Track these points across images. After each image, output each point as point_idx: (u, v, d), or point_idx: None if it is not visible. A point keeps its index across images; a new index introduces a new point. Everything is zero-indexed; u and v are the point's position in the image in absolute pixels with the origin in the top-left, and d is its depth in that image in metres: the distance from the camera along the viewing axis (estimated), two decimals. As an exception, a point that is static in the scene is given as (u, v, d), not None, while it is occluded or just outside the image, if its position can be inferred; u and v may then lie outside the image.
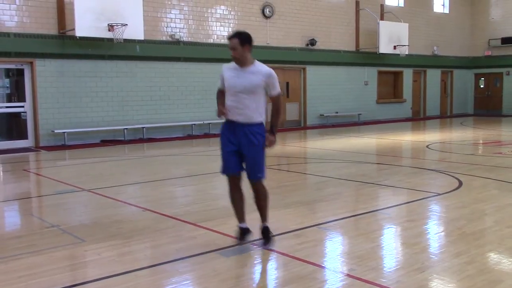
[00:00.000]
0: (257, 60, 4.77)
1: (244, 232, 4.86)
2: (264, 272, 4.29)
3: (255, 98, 4.66)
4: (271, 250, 4.64)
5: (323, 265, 4.33)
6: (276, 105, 4.78)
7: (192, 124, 16.66)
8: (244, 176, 4.82)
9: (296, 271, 4.14)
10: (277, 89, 4.73)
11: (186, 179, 8.94)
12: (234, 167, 4.75)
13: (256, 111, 4.67)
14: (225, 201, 6.96)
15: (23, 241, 5.11)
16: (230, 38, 4.67)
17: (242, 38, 4.64)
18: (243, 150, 4.69)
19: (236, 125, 4.69)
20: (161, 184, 8.41)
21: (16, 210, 6.95)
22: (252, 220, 4.96)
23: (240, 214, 4.90)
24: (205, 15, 17.11)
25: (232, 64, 4.75)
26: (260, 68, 4.70)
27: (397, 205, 6.58)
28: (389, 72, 23.57)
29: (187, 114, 16.79)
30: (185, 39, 16.62)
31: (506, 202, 6.53)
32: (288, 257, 4.46)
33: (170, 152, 12.99)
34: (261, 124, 4.74)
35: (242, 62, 4.67)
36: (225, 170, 4.79)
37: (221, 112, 4.70)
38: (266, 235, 4.80)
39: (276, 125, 4.79)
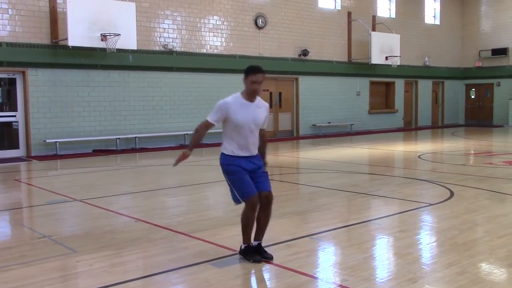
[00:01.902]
0: None
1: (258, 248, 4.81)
2: (257, 283, 4.28)
3: (258, 131, 4.75)
4: (264, 260, 4.64)
5: (315, 275, 4.34)
6: (265, 136, 4.93)
7: (184, 134, 16.64)
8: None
9: (289, 281, 4.14)
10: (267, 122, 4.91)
11: (179, 189, 8.92)
12: (255, 188, 4.63)
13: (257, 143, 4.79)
14: (218, 212, 6.98)
15: (14, 252, 5.07)
16: (257, 71, 4.58)
17: (264, 74, 4.65)
18: (258, 168, 4.71)
19: (250, 158, 4.69)
20: (153, 194, 8.38)
21: (7, 220, 6.89)
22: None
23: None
24: (198, 25, 17.17)
25: (235, 98, 4.64)
26: (262, 101, 4.80)
27: (389, 216, 6.60)
28: (381, 82, 23.72)
29: (179, 124, 16.79)
30: (178, 49, 16.66)
31: (497, 212, 6.57)
32: (281, 267, 4.46)
33: (163, 162, 12.97)
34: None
35: (255, 97, 4.68)
36: (252, 191, 4.58)
37: (182, 157, 4.66)
38: (263, 250, 4.77)
39: (266, 150, 4.98)
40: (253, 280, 4.32)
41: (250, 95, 4.64)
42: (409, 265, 4.53)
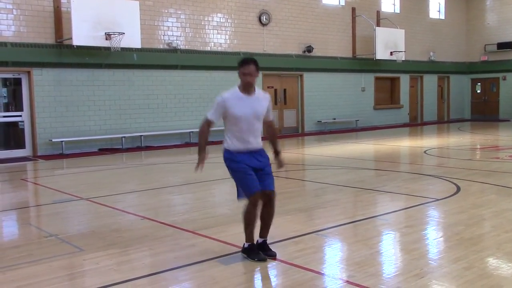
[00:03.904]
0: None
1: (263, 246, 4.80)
2: (263, 280, 4.28)
3: (261, 124, 4.73)
4: (272, 258, 4.64)
5: (322, 272, 4.33)
6: (273, 127, 4.95)
7: (189, 132, 16.66)
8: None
9: (296, 278, 4.13)
10: (272, 113, 4.89)
11: (184, 187, 8.93)
12: (259, 185, 4.60)
13: (260, 136, 4.75)
14: (223, 209, 6.98)
15: (21, 251, 5.09)
16: (247, 63, 4.58)
17: (257, 65, 4.62)
18: (262, 168, 4.65)
19: (254, 152, 4.66)
20: (159, 192, 8.40)
21: (14, 219, 6.93)
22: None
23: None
24: (202, 23, 17.16)
25: (233, 93, 4.63)
26: (262, 93, 4.79)
27: (396, 211, 6.58)
28: (386, 78, 23.64)
29: (184, 122, 16.80)
30: (182, 47, 16.66)
31: (504, 207, 6.54)
32: (287, 264, 4.46)
33: (168, 160, 12.99)
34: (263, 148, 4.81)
35: (251, 89, 4.65)
36: (255, 188, 4.54)
37: (200, 165, 4.64)
38: (268, 247, 4.76)
39: (279, 147, 4.97)
40: (260, 277, 4.32)
41: (244, 88, 4.62)
42: (416, 260, 4.51)
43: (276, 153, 4.90)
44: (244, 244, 4.71)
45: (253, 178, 4.57)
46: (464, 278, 4.03)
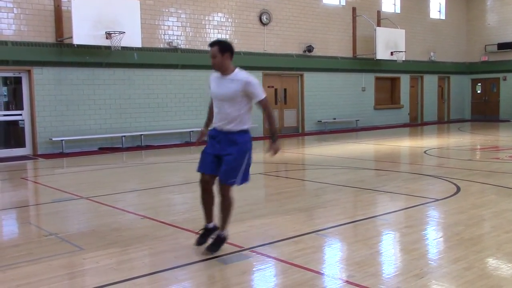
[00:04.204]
0: (255, 66, 4.84)
1: (208, 231, 4.87)
2: (263, 279, 4.28)
3: (237, 106, 4.68)
4: (270, 257, 4.64)
5: (322, 271, 4.33)
6: (265, 110, 4.82)
7: (190, 131, 16.67)
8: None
9: (295, 278, 4.13)
10: (260, 95, 4.71)
11: (184, 186, 8.93)
12: (208, 168, 4.75)
13: (237, 119, 4.69)
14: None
15: (21, 250, 5.09)
16: (211, 46, 4.76)
17: (222, 46, 4.73)
18: (222, 155, 4.70)
19: (220, 132, 4.76)
20: (159, 191, 8.40)
21: (14, 218, 6.93)
22: (251, 227, 4.94)
23: (208, 214, 4.90)
24: (203, 23, 17.16)
25: (217, 74, 4.87)
26: (240, 76, 4.73)
27: (396, 211, 6.58)
28: (386, 78, 23.64)
29: (184, 121, 16.81)
30: (182, 46, 16.66)
31: (504, 207, 6.53)
32: (287, 264, 4.46)
33: (168, 159, 12.99)
34: (244, 132, 4.75)
35: (222, 70, 4.77)
36: (200, 168, 4.81)
37: (197, 139, 5.08)
38: (215, 242, 4.79)
39: (274, 131, 4.82)
40: (259, 277, 4.32)
41: (215, 69, 4.86)
42: (416, 260, 4.51)
43: (271, 137, 4.83)
44: (224, 234, 4.88)
45: (204, 160, 4.78)
46: (464, 279, 4.03)
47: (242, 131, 4.73)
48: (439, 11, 26.09)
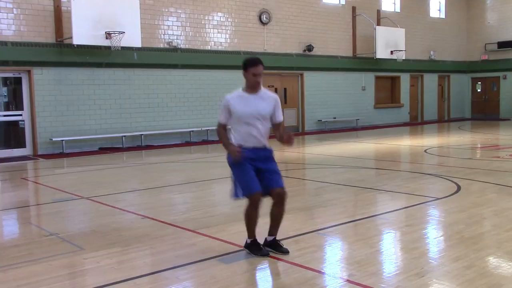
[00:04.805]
0: None
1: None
2: (264, 279, 4.28)
3: (267, 123, 4.72)
4: (271, 256, 4.64)
5: (322, 270, 4.33)
6: (283, 130, 4.81)
7: (190, 131, 16.67)
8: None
9: (296, 277, 4.13)
10: (281, 117, 4.82)
11: (185, 186, 8.93)
12: (259, 185, 4.61)
13: (266, 136, 4.73)
14: (224, 208, 6.98)
15: (21, 250, 5.09)
16: (257, 64, 4.60)
17: (263, 65, 4.68)
18: (262, 168, 4.65)
19: (255, 150, 4.65)
20: (159, 191, 8.40)
21: (15, 218, 6.93)
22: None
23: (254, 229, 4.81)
24: (202, 22, 17.16)
25: (237, 93, 4.69)
26: (269, 94, 4.77)
27: (396, 210, 6.58)
28: (386, 77, 23.63)
29: (185, 121, 16.81)
30: (182, 46, 16.66)
31: (504, 206, 6.53)
32: (288, 263, 4.46)
33: (169, 159, 12.99)
34: (270, 148, 4.78)
35: (257, 89, 4.68)
36: (254, 188, 4.57)
37: (237, 152, 4.55)
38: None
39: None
40: (260, 276, 4.32)
41: (252, 88, 4.66)
42: (416, 259, 4.51)
43: (283, 131, 4.82)
44: (246, 240, 4.76)
45: (254, 178, 4.58)
46: (465, 277, 4.03)
47: (269, 148, 4.78)
48: (439, 10, 26.07)
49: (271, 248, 4.72)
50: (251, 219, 4.65)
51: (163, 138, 16.32)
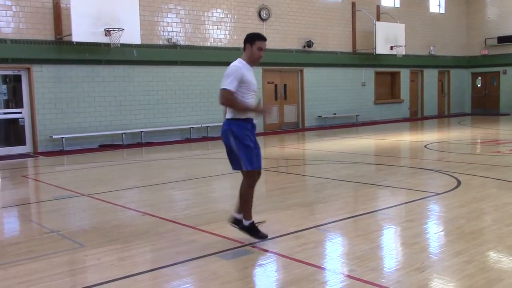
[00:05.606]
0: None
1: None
2: (264, 274, 4.29)
3: None
4: (272, 252, 4.64)
5: (323, 266, 4.34)
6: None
7: (190, 128, 16.66)
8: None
9: (297, 272, 4.14)
10: None
11: (185, 182, 8.94)
12: (260, 163, 4.97)
13: None
14: (224, 204, 6.98)
15: (22, 247, 5.10)
16: (264, 39, 4.85)
17: None
18: (254, 141, 4.92)
19: (251, 121, 4.89)
20: (160, 188, 8.40)
21: (15, 216, 6.93)
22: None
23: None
24: (202, 19, 17.13)
25: (242, 64, 4.80)
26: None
27: (396, 206, 6.58)
28: (386, 72, 23.61)
29: (185, 117, 16.80)
30: (182, 42, 16.63)
31: (504, 200, 6.54)
32: (288, 259, 4.46)
33: (169, 156, 12.99)
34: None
35: (257, 63, 4.95)
36: (258, 164, 4.85)
37: (268, 110, 4.98)
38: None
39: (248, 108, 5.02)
40: (261, 272, 4.33)
41: (253, 62, 4.81)
42: (417, 254, 4.52)
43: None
44: (243, 221, 4.93)
45: (257, 154, 4.84)
46: (465, 272, 4.04)
47: None
48: (439, 5, 26.01)
49: (236, 225, 5.01)
50: (251, 198, 4.91)
51: (163, 135, 16.31)
